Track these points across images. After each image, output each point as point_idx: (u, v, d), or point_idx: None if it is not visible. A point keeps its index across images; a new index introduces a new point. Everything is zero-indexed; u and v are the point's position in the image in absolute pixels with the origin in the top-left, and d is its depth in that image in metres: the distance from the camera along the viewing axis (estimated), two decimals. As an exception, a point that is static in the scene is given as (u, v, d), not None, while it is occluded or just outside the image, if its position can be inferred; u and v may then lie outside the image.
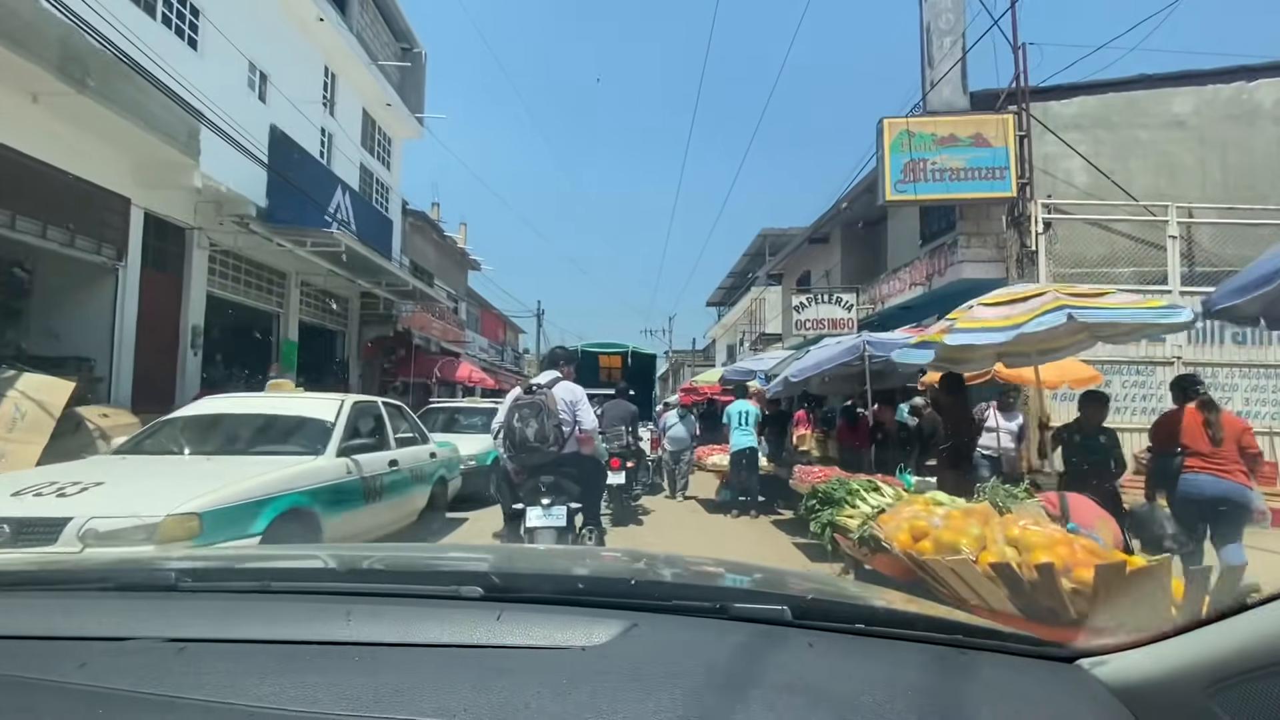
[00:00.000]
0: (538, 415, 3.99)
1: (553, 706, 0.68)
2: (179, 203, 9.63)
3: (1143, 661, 0.78)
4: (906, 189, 9.14)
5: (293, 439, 4.32)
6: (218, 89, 9.20)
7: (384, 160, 15.74)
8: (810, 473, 5.62)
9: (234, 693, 0.70)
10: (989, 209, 9.67)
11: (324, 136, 12.89)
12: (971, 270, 9.51)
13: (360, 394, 6.81)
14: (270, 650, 0.80)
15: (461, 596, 0.97)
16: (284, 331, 12.77)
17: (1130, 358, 8.95)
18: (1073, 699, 0.78)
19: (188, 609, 0.96)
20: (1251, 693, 0.64)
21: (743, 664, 0.81)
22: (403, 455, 5.14)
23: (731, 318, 31.69)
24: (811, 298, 13.50)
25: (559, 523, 3.98)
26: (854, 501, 3.78)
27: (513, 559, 1.73)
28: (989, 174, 9.06)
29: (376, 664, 0.77)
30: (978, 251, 9.54)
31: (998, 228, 9.63)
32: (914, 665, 0.84)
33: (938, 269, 10.06)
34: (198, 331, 10.13)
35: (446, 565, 1.39)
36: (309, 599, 1.00)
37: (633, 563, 1.42)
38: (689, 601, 1.03)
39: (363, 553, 1.67)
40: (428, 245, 18.34)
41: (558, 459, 4.05)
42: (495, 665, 0.77)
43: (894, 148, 9.17)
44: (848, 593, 1.28)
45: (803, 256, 19.08)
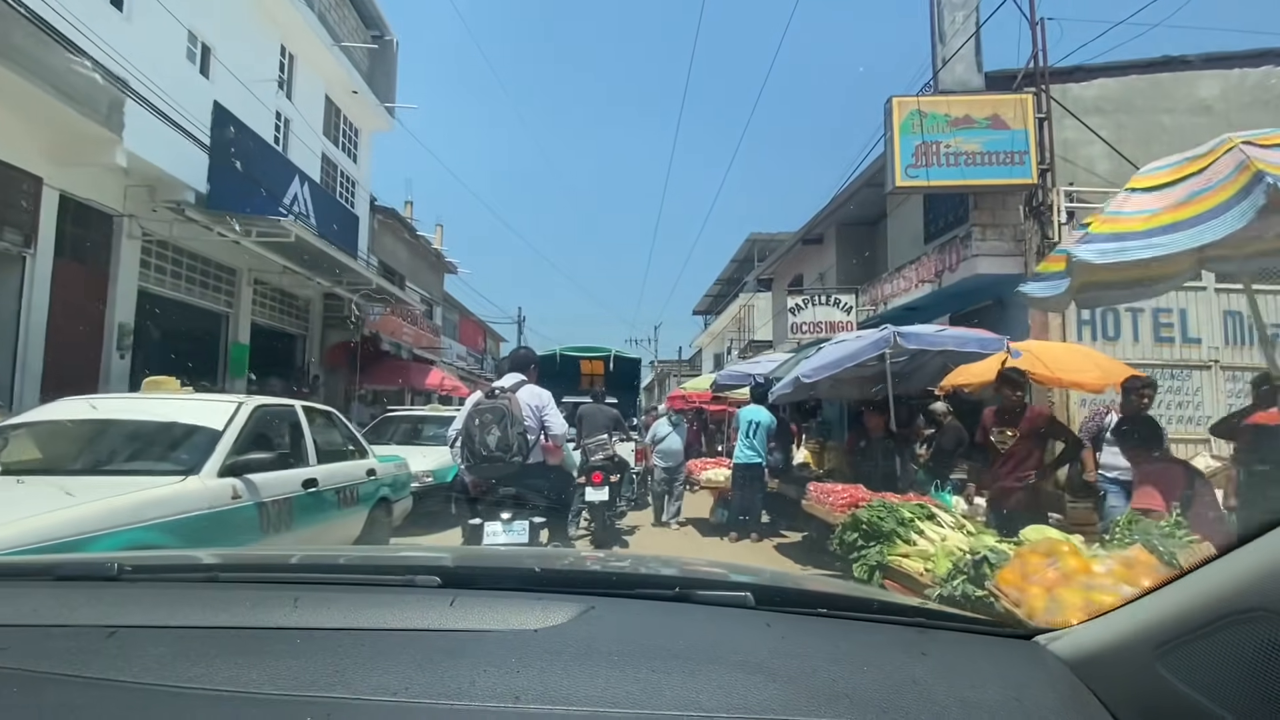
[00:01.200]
0: (500, 421, 3.65)
1: (498, 685, 0.69)
2: (105, 186, 8.53)
3: (1095, 633, 0.80)
4: (918, 174, 8.30)
5: (160, 453, 3.29)
6: (148, 58, 8.16)
7: (350, 152, 14.69)
8: (831, 491, 4.65)
9: (161, 675, 0.70)
10: (1004, 198, 8.86)
11: (279, 121, 11.84)
12: (987, 265, 8.68)
13: (306, 400, 5.71)
14: (207, 635, 0.81)
15: (417, 585, 0.96)
16: (233, 334, 11.64)
17: (1165, 360, 8.14)
18: (1026, 673, 0.78)
19: (127, 597, 0.96)
20: (1192, 652, 0.65)
21: (699, 644, 0.81)
22: (326, 473, 4.11)
23: (719, 325, 30.86)
24: (808, 300, 12.64)
25: (521, 539, 3.69)
26: (909, 535, 2.84)
27: (476, 555, 1.82)
28: (1008, 158, 8.25)
29: (317, 647, 0.76)
30: (994, 244, 8.71)
31: (1014, 218, 8.82)
32: (872, 645, 0.84)
33: (948, 264, 9.22)
34: (125, 331, 8.99)
35: (406, 559, 1.37)
36: (257, 587, 0.99)
37: (596, 556, 1.63)
38: (650, 588, 1.04)
39: (322, 549, 1.77)
40: (399, 245, 17.27)
41: (521, 470, 3.72)
42: (442, 647, 0.77)
43: (904, 129, 8.34)
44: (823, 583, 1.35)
45: (795, 259, 18.28)
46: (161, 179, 8.87)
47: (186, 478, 3.02)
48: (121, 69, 7.77)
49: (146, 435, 3.38)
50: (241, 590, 0.98)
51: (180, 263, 10.25)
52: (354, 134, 14.84)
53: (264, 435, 3.70)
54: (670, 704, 0.67)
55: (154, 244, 9.55)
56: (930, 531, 2.83)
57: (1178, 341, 8.22)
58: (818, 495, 4.83)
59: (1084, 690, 0.75)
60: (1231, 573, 0.64)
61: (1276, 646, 0.56)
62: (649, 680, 0.70)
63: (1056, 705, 0.72)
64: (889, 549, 2.80)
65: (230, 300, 11.57)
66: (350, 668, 0.71)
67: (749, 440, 6.77)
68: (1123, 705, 0.71)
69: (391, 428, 8.46)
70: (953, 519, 3.04)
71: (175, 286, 10.18)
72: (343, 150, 14.39)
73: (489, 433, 3.63)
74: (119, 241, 8.89)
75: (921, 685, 0.73)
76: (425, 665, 0.71)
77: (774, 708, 0.67)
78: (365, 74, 14.57)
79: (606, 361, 13.01)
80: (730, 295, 29.69)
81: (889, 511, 3.01)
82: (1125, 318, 8.20)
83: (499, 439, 3.62)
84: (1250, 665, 0.58)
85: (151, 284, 9.61)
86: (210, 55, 9.80)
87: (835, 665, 0.75)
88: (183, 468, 3.11)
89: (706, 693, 0.68)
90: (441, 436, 8.37)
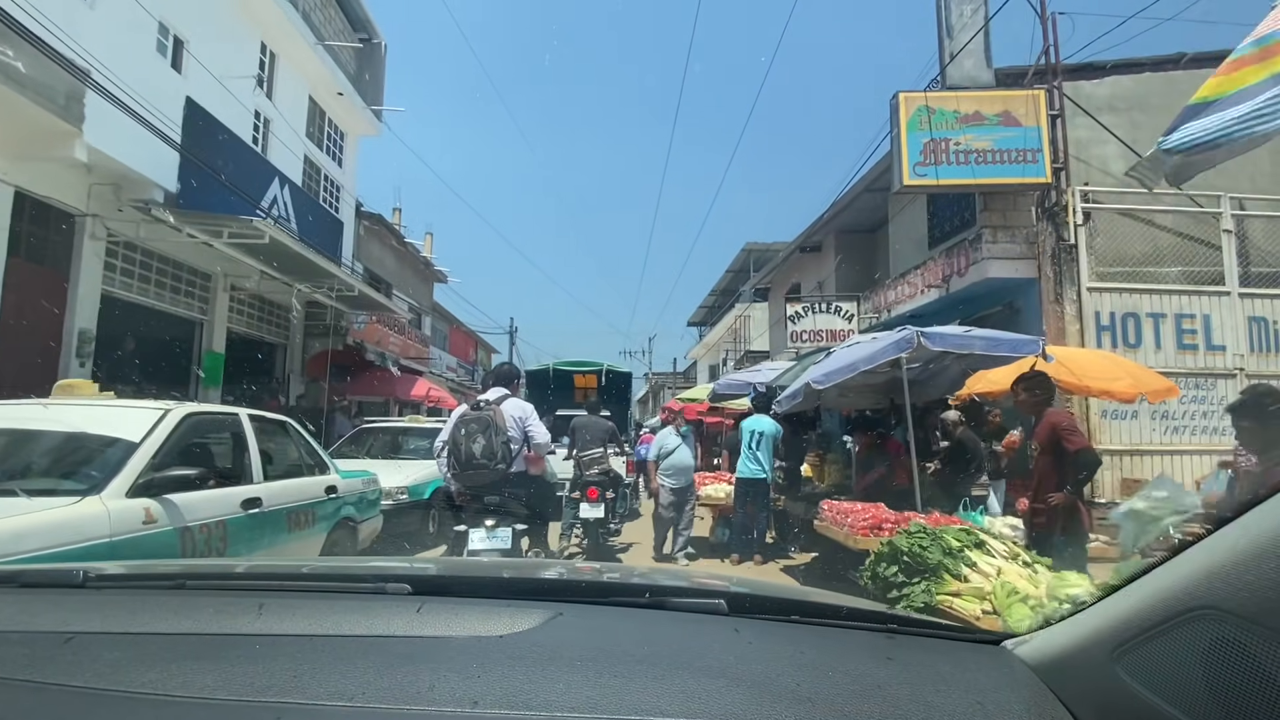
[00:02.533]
0: (485, 431, 3.80)
1: (458, 689, 0.68)
2: (67, 183, 8.04)
3: (1058, 637, 0.80)
4: (926, 172, 7.89)
5: (59, 469, 2.78)
6: (114, 48, 7.70)
7: (335, 156, 14.23)
8: (850, 511, 4.14)
9: (113, 680, 0.70)
10: (1016, 199, 8.46)
11: (258, 121, 11.37)
12: (998, 268, 8.25)
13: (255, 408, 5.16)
14: (167, 641, 0.80)
15: (388, 593, 0.95)
16: (208, 342, 11.09)
17: (1188, 369, 7.70)
18: (991, 678, 0.79)
19: (89, 604, 0.95)
20: (1147, 653, 0.65)
21: (666, 649, 0.80)
22: (273, 492, 3.58)
23: (714, 336, 30.45)
24: (807, 307, 12.21)
25: (504, 545, 3.78)
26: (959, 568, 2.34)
27: (449, 564, 1.93)
28: (1020, 156, 7.85)
29: (277, 652, 0.76)
30: (1005, 247, 8.29)
31: (1026, 220, 8.41)
32: (840, 650, 0.85)
33: (957, 268, 8.80)
34: (87, 337, 8.44)
35: (379, 568, 1.33)
36: (223, 595, 0.99)
37: (569, 564, 1.61)
38: (622, 596, 1.04)
39: (295, 560, 1.75)
40: (386, 253, 16.78)
41: (505, 478, 3.87)
42: (404, 652, 0.77)
43: (911, 126, 7.94)
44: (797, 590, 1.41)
45: (792, 268, 17.90)
46: (128, 177, 8.38)
47: (84, 498, 2.50)
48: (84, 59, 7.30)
49: (45, 448, 2.85)
50: (207, 598, 0.97)
51: (149, 266, 9.72)
52: (339, 137, 14.39)
53: (195, 448, 3.19)
54: (631, 709, 0.66)
55: (120, 246, 9.04)
56: (982, 563, 2.34)
57: (1201, 349, 7.81)
58: (833, 515, 4.33)
59: (1048, 694, 0.75)
60: (1181, 573, 0.63)
61: (1224, 643, 0.56)
62: (611, 685, 0.70)
63: (1020, 710, 0.72)
64: (937, 586, 2.31)
65: (204, 307, 11.04)
66: (308, 673, 0.71)
67: (752, 453, 6.25)
68: (1084, 708, 0.71)
69: (369, 440, 7.92)
70: (1005, 547, 2.55)
71: (144, 291, 9.65)
72: (327, 154, 13.93)
73: (474, 442, 3.76)
74: (81, 242, 8.37)
75: (886, 690, 0.73)
76: (385, 670, 0.71)
77: (737, 712, 0.67)
78: (352, 76, 14.16)
79: (599, 375, 13.04)
80: (725, 306, 29.34)
81: (932, 539, 2.50)
82: (1147, 324, 7.78)
83: (484, 447, 3.75)
84: (1200, 663, 0.59)
85: (117, 288, 9.07)
86: (183, 49, 9.34)
87: (801, 670, 0.76)
88: (83, 486, 2.58)
89: (669, 697, 0.68)
90: (423, 449, 7.86)
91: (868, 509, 4.33)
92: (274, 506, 3.53)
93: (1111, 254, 8.18)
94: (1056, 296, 7.83)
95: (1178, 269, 8.22)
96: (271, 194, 11.28)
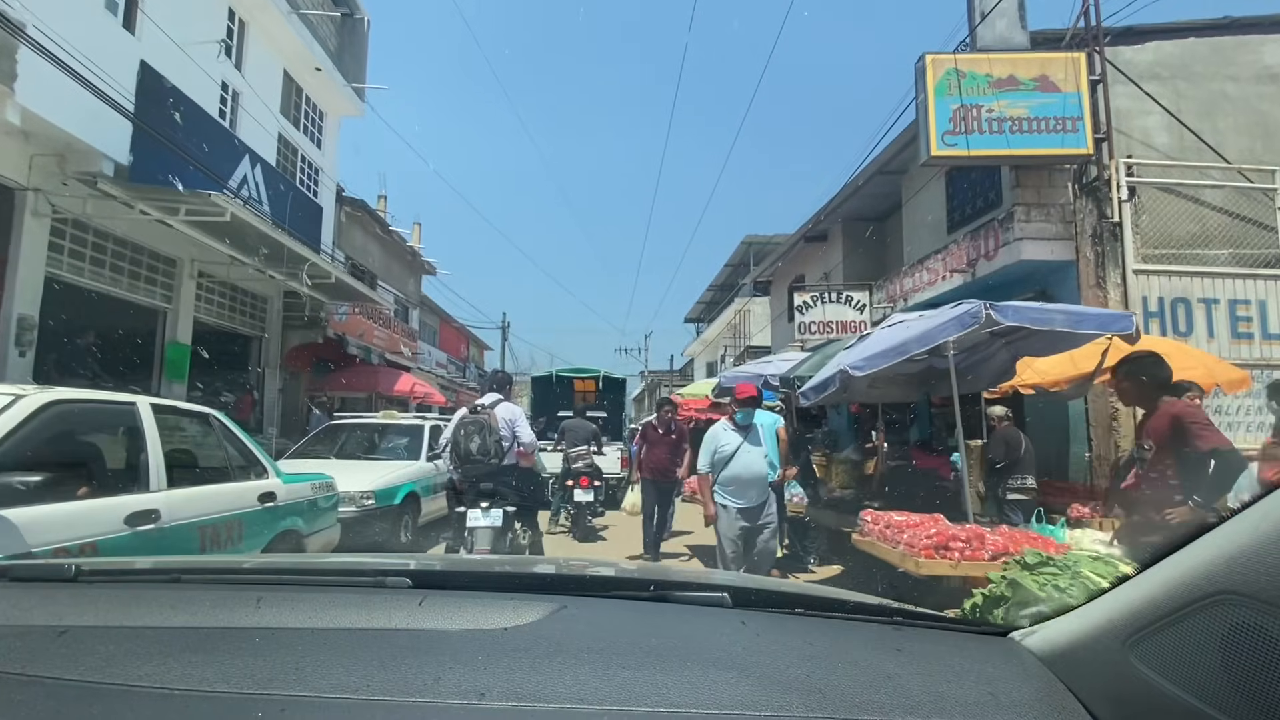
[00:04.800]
0: (480, 432, 4.42)
1: (463, 682, 0.67)
2: (3, 153, 7.22)
3: (1069, 627, 0.79)
4: (956, 142, 7.16)
5: None
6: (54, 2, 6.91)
7: (314, 137, 13.41)
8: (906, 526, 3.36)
9: (109, 673, 0.69)
10: (1051, 174, 7.74)
11: (226, 93, 10.55)
12: (1032, 250, 7.53)
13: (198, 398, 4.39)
14: (164, 634, 0.79)
15: (388, 586, 0.95)
16: (172, 332, 10.28)
17: (1243, 359, 6.99)
18: (1000, 668, 0.78)
19: (83, 598, 0.94)
20: (1162, 641, 0.64)
21: (672, 642, 0.80)
22: (178, 502, 2.82)
23: (712, 333, 29.73)
24: (816, 297, 11.48)
25: (496, 523, 4.35)
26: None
27: (450, 560, 1.94)
28: (1059, 125, 7.13)
29: (278, 646, 0.75)
30: (1040, 226, 7.57)
31: (1062, 196, 7.69)
32: (848, 642, 0.84)
33: (985, 251, 8.07)
34: (28, 325, 7.64)
35: (378, 563, 1.28)
36: (220, 588, 0.99)
37: (572, 560, 1.59)
38: (625, 589, 1.03)
39: (293, 556, 1.65)
40: (370, 242, 15.96)
41: (498, 470, 4.47)
42: (407, 646, 0.76)
43: (939, 91, 7.20)
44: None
45: (795, 260, 17.16)
46: (73, 147, 7.57)
47: None
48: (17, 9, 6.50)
49: None
50: (204, 591, 0.96)
51: (104, 249, 8.90)
52: (319, 117, 13.56)
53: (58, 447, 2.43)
54: (639, 700, 0.66)
55: (68, 225, 8.21)
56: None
57: (1257, 338, 7.10)
58: (880, 529, 3.57)
59: (1058, 684, 0.74)
60: (1199, 559, 0.62)
61: (1244, 628, 0.55)
62: (619, 677, 0.69)
63: (1031, 700, 0.71)
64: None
65: (168, 295, 10.22)
66: (310, 666, 0.70)
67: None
68: (1096, 698, 0.70)
69: (340, 438, 7.13)
70: (1108, 569, 1.84)
71: (97, 276, 8.82)
72: (305, 134, 13.10)
73: (471, 441, 4.38)
74: (21, 219, 7.56)
75: (896, 681, 0.72)
76: (389, 663, 0.70)
77: (746, 704, 0.66)
78: (333, 53, 13.34)
79: (597, 381, 14.48)
80: (724, 302, 28.65)
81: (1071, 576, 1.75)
82: (1198, 310, 7.07)
83: (479, 445, 4.37)
84: (1219, 649, 0.58)
85: (65, 271, 8.26)
86: (137, 7, 8.52)
87: (810, 662, 0.75)
88: None
89: (677, 689, 0.67)
90: (399, 449, 7.10)
91: (927, 522, 3.56)
92: (178, 520, 2.77)
93: (1156, 234, 7.47)
94: (1098, 280, 7.11)
95: (1227, 251, 7.51)
96: (241, 173, 10.47)
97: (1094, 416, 7.26)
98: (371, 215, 15.34)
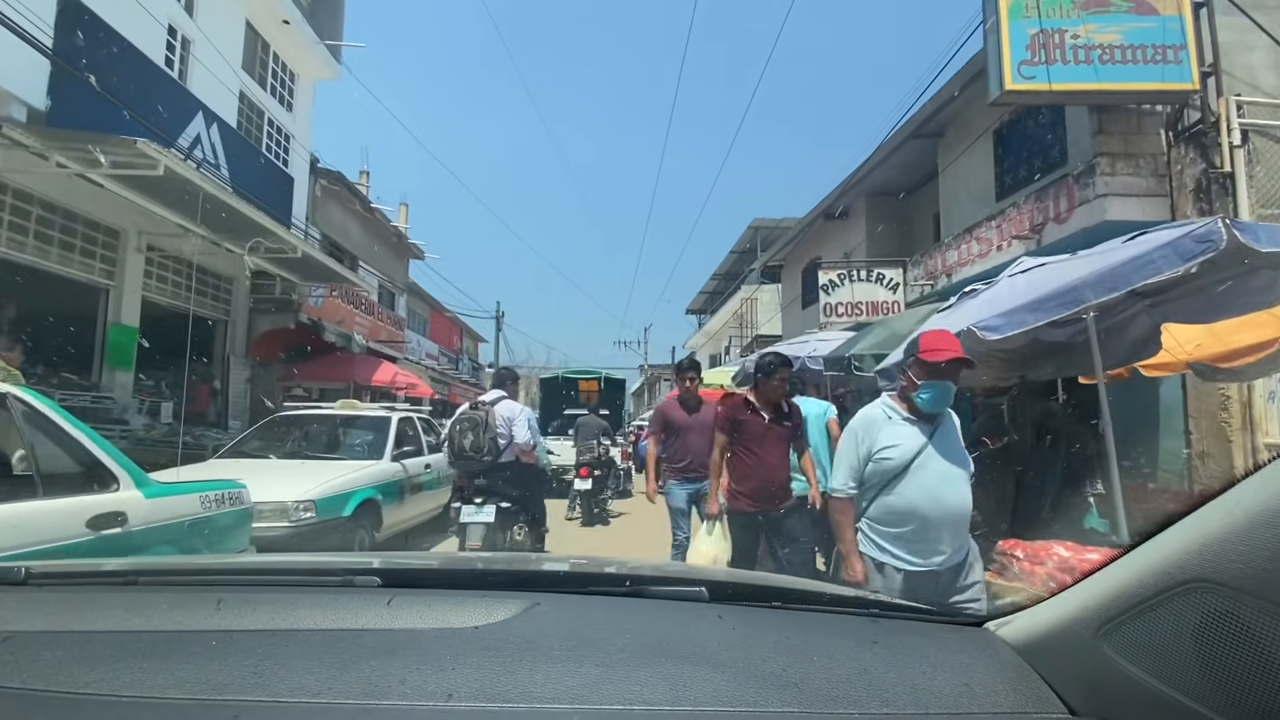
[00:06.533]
0: (475, 429, 4.52)
1: (432, 682, 0.65)
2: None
3: (1043, 617, 0.78)
4: (1036, 74, 5.94)
5: None
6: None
7: (283, 99, 12.12)
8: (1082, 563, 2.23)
9: (54, 680, 0.66)
10: (1140, 118, 6.53)
11: (174, 40, 9.26)
12: (1119, 209, 6.33)
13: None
14: (115, 639, 0.76)
15: (356, 586, 0.93)
16: (115, 313, 9.04)
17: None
18: (976, 659, 0.77)
19: (30, 601, 0.90)
20: (1134, 629, 0.63)
21: (647, 638, 0.78)
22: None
23: (716, 323, 28.58)
24: (843, 275, 10.28)
25: (487, 519, 4.43)
26: None
27: (420, 557, 1.81)
28: (1158, 54, 5.93)
29: (236, 649, 0.72)
30: (1127, 181, 6.37)
31: (1154, 145, 6.48)
32: (824, 635, 0.83)
33: (1055, 213, 6.87)
34: (-80, 300, 6.41)
35: (346, 562, 1.26)
36: (178, 591, 0.96)
37: (547, 556, 1.78)
38: (601, 585, 1.01)
39: (257, 557, 1.63)
40: (350, 220, 14.69)
41: (492, 466, 4.56)
42: (374, 646, 0.73)
43: (1014, 12, 5.99)
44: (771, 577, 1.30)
45: (810, 242, 15.96)
46: (-28, 85, 6.33)
47: None
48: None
49: None
50: (160, 594, 0.93)
51: (26, 214, 7.64)
52: (289, 78, 12.27)
53: None
54: (612, 698, 0.64)
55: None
56: None
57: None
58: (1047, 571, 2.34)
59: (1032, 674, 0.74)
60: (1171, 547, 0.61)
61: (1216, 615, 0.54)
62: (591, 675, 0.68)
63: (1005, 690, 0.71)
64: None
65: (110, 271, 8.97)
66: (270, 669, 0.67)
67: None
68: (1070, 686, 0.70)
69: (285, 434, 5.90)
70: None
71: (18, 245, 7.58)
72: (274, 96, 11.82)
73: (465, 437, 4.52)
74: (-88, 173, 6.33)
75: (872, 673, 0.72)
76: (353, 665, 0.67)
77: (721, 699, 0.65)
78: (304, 7, 12.04)
79: (599, 382, 16.48)
80: (729, 292, 27.48)
81: None
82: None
83: (472, 442, 4.49)
84: (1191, 637, 0.57)
85: (-25, 238, 7.02)
86: (55, -75, 7.23)
87: (786, 655, 0.75)
88: None
89: (651, 685, 0.66)
90: (361, 447, 5.89)
91: (1050, 549, 2.42)
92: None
93: (1266, 192, 6.26)
94: (1204, 242, 5.89)
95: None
96: (194, 131, 9.23)
97: (1194, 404, 6.07)
98: (350, 190, 14.07)
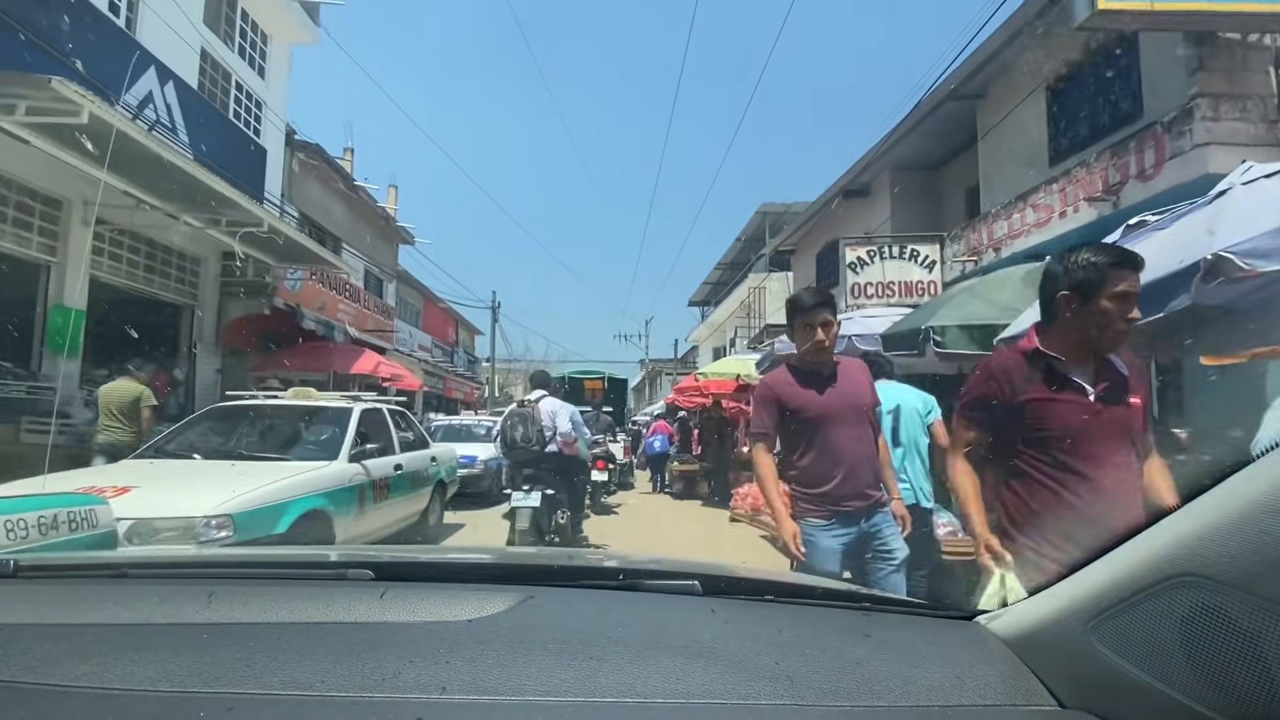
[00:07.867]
0: (524, 422, 5.23)
1: (424, 676, 0.65)
2: None
3: (1033, 610, 0.79)
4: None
5: None
6: None
7: (254, 63, 11.09)
8: None
9: (44, 673, 0.66)
10: (1246, 53, 5.51)
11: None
12: (1224, 160, 5.32)
13: None
14: (106, 632, 0.75)
15: (349, 579, 0.93)
16: (57, 293, 8.02)
17: None
18: (966, 652, 0.78)
19: (20, 594, 0.91)
20: (1124, 623, 0.64)
21: (640, 631, 0.79)
22: None
23: (720, 315, 27.56)
24: (873, 252, 9.27)
25: (534, 503, 5.08)
26: None
27: (415, 550, 1.88)
28: (1280, -31, 4.93)
29: (228, 641, 0.72)
30: (1233, 127, 5.36)
31: (1261, 86, 5.47)
32: (817, 628, 0.84)
33: (1139, 169, 5.86)
34: None
35: (342, 554, 1.28)
36: (169, 583, 0.96)
37: (543, 549, 1.76)
38: (595, 579, 1.03)
39: (248, 550, 1.68)
40: (331, 198, 13.66)
41: (539, 456, 5.25)
42: (366, 639, 0.73)
43: (1108, -82, 4.99)
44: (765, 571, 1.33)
45: (825, 224, 14.92)
46: None
47: None
48: None
49: None
50: (151, 586, 0.93)
51: (-60, 175, 6.63)
52: (260, 39, 11.23)
53: None
54: (605, 691, 0.65)
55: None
56: None
57: None
58: None
59: (1022, 667, 0.74)
60: (1160, 541, 0.62)
61: (1204, 610, 0.55)
62: (585, 668, 0.68)
63: (995, 683, 0.71)
64: None
65: (51, 245, 7.96)
66: (262, 662, 0.67)
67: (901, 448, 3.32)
68: (1059, 680, 0.71)
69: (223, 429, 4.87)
70: None
71: (-70, 211, 6.56)
72: (243, 57, 10.78)
73: (516, 430, 5.21)
74: None
75: (864, 666, 0.73)
76: (345, 657, 0.68)
77: (714, 692, 0.66)
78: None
79: (603, 380, 18.26)
80: (734, 282, 26.47)
81: None
82: None
83: (522, 434, 5.19)
84: (1179, 631, 0.57)
85: None
86: None
87: (778, 649, 0.75)
88: None
89: (644, 678, 0.66)
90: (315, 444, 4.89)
91: None
92: None
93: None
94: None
95: None
96: (144, 87, 8.19)
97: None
98: (331, 165, 13.04)
